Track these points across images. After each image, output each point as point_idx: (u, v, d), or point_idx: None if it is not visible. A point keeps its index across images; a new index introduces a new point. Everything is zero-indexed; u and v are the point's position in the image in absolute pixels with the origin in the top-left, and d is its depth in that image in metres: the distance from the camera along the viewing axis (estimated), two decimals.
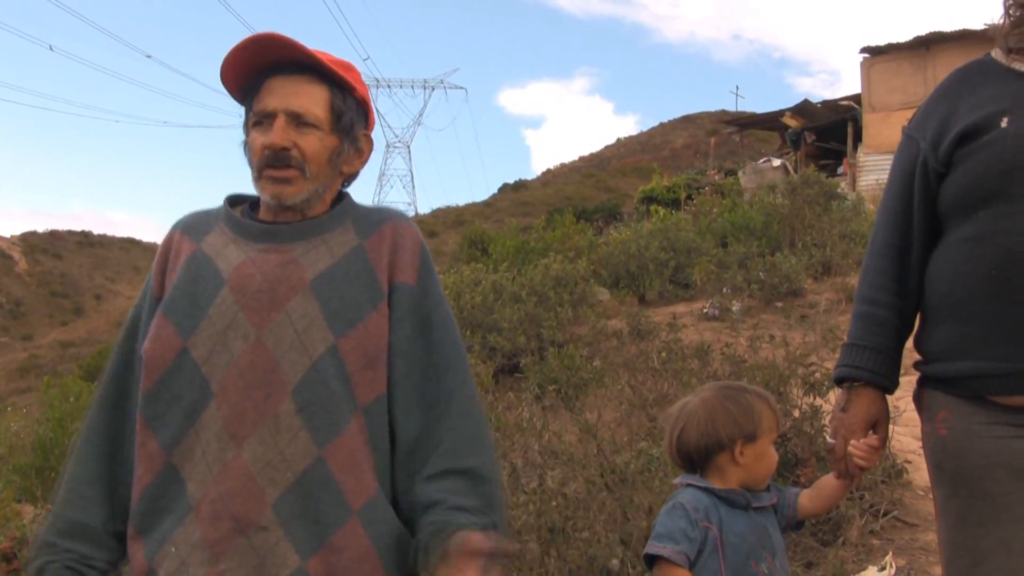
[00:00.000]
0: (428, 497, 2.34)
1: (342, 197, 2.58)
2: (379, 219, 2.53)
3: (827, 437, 3.03)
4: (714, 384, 3.27)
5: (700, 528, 2.85)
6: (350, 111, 2.50)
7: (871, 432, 2.89)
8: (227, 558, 2.25)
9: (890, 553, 5.66)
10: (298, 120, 2.40)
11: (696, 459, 3.01)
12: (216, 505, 2.26)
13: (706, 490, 2.94)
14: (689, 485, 2.99)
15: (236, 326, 2.32)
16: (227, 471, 2.26)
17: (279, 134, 2.37)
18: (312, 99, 2.43)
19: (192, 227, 2.54)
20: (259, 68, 2.42)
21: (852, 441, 2.87)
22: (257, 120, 2.42)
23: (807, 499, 3.11)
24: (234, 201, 2.62)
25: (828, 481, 3.09)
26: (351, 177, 2.62)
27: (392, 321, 2.41)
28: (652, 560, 2.89)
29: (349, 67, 2.54)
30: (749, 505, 2.95)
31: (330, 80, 2.46)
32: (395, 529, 2.37)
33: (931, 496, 6.26)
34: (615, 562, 5.01)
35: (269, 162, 2.38)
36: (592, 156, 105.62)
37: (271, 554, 2.24)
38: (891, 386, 2.91)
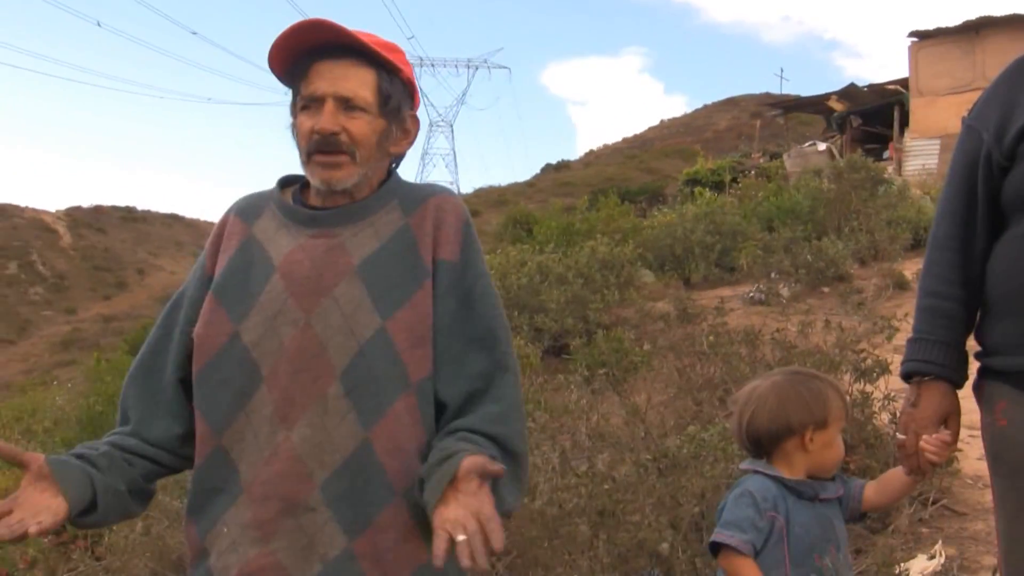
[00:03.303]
0: (449, 428, 2.36)
1: (389, 175, 2.60)
2: (423, 196, 2.54)
3: (897, 434, 3.00)
4: (784, 369, 3.27)
5: (767, 517, 2.86)
6: (397, 93, 2.51)
7: (942, 427, 2.86)
8: (276, 538, 2.29)
9: (939, 542, 5.64)
10: (347, 104, 2.41)
11: (765, 444, 3.00)
12: (266, 487, 2.31)
13: (775, 479, 2.94)
14: (757, 472, 3.00)
15: (285, 312, 2.36)
16: (277, 453, 2.31)
17: (328, 119, 2.38)
18: (360, 82, 2.43)
19: (245, 211, 2.59)
20: (306, 51, 2.43)
21: (924, 437, 2.84)
22: (305, 104, 2.44)
23: (872, 491, 3.11)
24: (286, 182, 2.65)
25: (895, 475, 3.08)
26: (398, 158, 2.63)
27: (435, 297, 2.43)
28: (717, 547, 2.90)
29: (394, 48, 2.55)
30: (816, 496, 2.96)
31: (376, 63, 2.47)
32: None
33: (979, 485, 6.27)
34: (664, 546, 5.01)
35: (319, 147, 2.40)
36: (635, 137, 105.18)
37: (319, 534, 2.29)
38: (961, 380, 2.87)
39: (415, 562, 2.35)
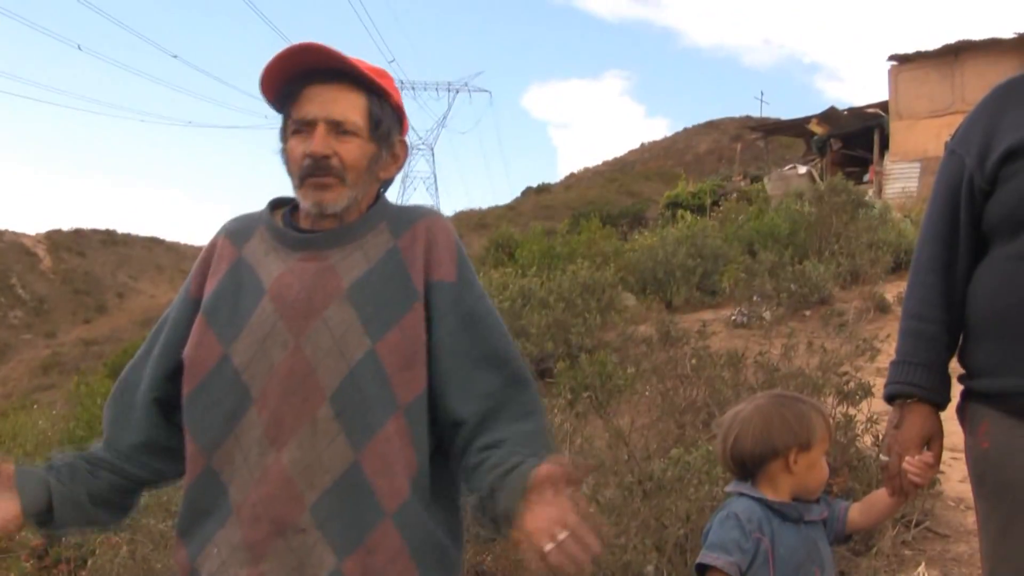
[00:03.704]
0: (486, 443, 2.34)
1: (377, 199, 2.61)
2: (412, 218, 2.55)
3: (881, 455, 3.03)
4: (767, 393, 3.29)
5: (753, 539, 2.87)
6: (387, 118, 2.53)
7: (925, 449, 2.89)
8: (267, 559, 2.31)
9: (923, 564, 5.67)
10: (338, 128, 2.43)
11: (750, 466, 3.01)
12: (256, 508, 2.32)
13: (760, 501, 2.95)
14: (742, 495, 3.01)
15: (275, 334, 2.37)
16: (267, 475, 2.32)
17: (320, 142, 2.40)
18: (351, 107, 2.45)
19: (234, 233, 2.60)
20: (297, 76, 2.45)
21: (907, 458, 2.86)
22: (297, 128, 2.45)
23: (857, 513, 3.13)
24: (276, 204, 2.66)
25: (879, 496, 3.10)
26: (387, 182, 2.65)
27: (433, 318, 2.44)
28: (703, 569, 2.91)
29: (384, 74, 2.56)
30: (801, 518, 2.97)
31: (367, 87, 2.49)
32: (429, 531, 2.40)
33: (962, 507, 6.30)
34: (650, 568, 5.03)
35: (310, 171, 2.42)
36: (615, 160, 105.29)
37: (309, 555, 2.30)
38: (943, 402, 2.90)
39: None
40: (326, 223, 2.50)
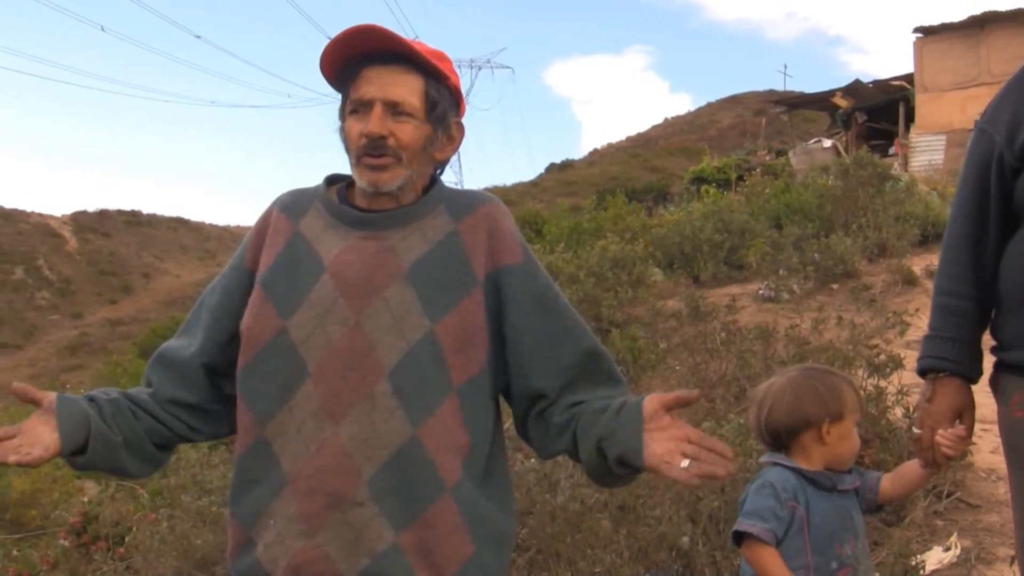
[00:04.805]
0: (573, 400, 2.46)
1: (433, 182, 2.65)
2: (471, 203, 2.59)
3: (913, 428, 3.07)
4: (799, 366, 3.35)
5: (788, 508, 2.95)
6: (443, 100, 2.56)
7: (957, 422, 2.92)
8: (323, 532, 2.34)
9: (955, 534, 5.70)
10: (395, 109, 2.46)
11: (783, 437, 3.08)
12: (312, 481, 2.36)
13: (794, 470, 3.02)
14: (777, 464, 3.08)
15: (335, 311, 2.42)
16: (323, 448, 2.35)
17: (376, 123, 2.44)
18: (408, 88, 2.49)
19: (289, 207, 2.64)
20: (356, 56, 2.49)
21: (939, 431, 2.90)
22: (354, 108, 2.50)
23: (888, 484, 3.19)
24: (331, 180, 2.71)
25: (911, 467, 3.16)
26: (442, 163, 2.68)
27: (505, 302, 2.50)
28: (740, 537, 2.98)
29: (443, 57, 2.60)
30: (834, 487, 3.04)
31: (424, 70, 2.52)
32: (484, 506, 2.45)
33: (993, 478, 6.33)
34: (685, 540, 5.08)
35: (367, 150, 2.46)
36: (638, 136, 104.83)
37: (366, 528, 2.33)
38: (975, 376, 2.93)
39: (462, 556, 2.40)
40: (383, 202, 2.55)
